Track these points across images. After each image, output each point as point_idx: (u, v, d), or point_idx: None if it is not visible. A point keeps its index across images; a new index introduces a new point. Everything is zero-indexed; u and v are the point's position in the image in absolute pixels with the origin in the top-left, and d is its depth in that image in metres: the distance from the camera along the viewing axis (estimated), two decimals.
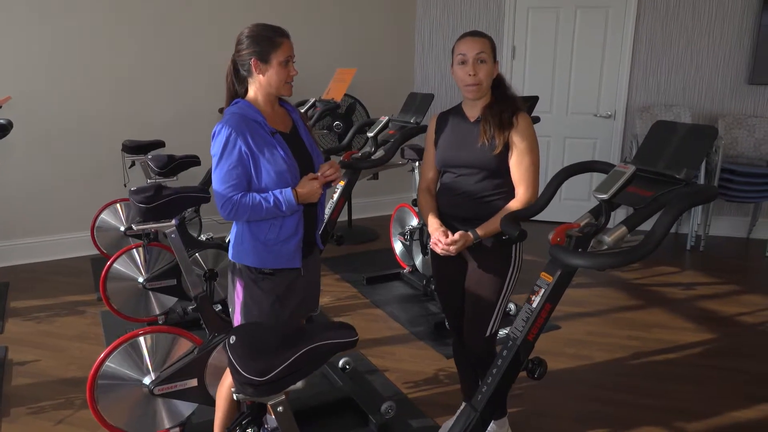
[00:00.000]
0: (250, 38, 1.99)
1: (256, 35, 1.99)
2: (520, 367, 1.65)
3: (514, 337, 1.64)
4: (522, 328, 1.62)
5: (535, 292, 1.64)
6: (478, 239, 2.09)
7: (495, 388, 1.62)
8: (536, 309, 1.61)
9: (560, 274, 1.59)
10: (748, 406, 2.87)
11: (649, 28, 5.36)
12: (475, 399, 1.68)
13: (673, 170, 1.57)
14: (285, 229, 2.05)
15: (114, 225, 4.45)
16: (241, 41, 2.01)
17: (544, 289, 1.61)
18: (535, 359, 1.66)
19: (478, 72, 2.11)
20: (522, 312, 1.66)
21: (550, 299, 1.61)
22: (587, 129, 5.69)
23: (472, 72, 2.10)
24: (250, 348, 1.34)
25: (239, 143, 1.94)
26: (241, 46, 2.00)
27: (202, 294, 2.55)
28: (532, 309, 1.62)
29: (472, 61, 2.10)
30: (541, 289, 1.62)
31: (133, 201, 2.38)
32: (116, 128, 4.80)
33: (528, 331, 1.61)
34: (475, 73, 2.10)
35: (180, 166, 3.71)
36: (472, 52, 2.10)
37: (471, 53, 2.10)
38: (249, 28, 2.02)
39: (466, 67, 2.12)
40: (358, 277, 4.46)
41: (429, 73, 6.15)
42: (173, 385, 2.46)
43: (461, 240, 2.07)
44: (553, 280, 1.59)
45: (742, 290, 4.31)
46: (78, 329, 3.61)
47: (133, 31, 4.77)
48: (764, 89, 5.19)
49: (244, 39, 2.00)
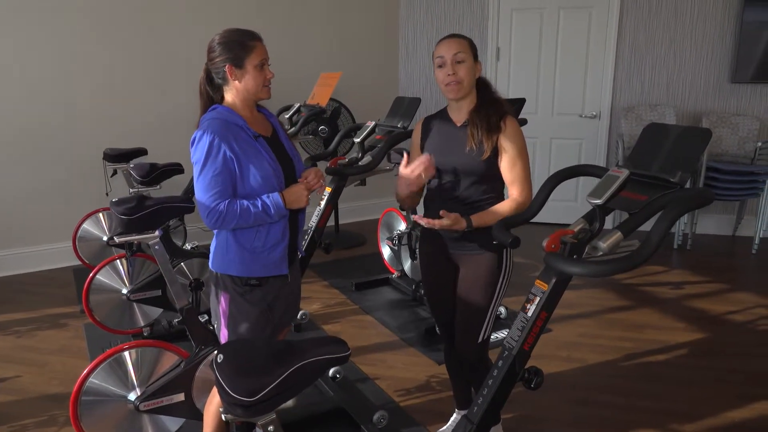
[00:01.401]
0: (222, 45, 1.94)
1: (227, 41, 1.94)
2: (517, 378, 1.61)
3: (510, 347, 1.60)
4: (518, 338, 1.58)
5: (530, 300, 1.60)
6: (470, 228, 2.05)
7: (491, 399, 1.59)
8: (532, 318, 1.58)
9: (555, 281, 1.56)
10: (742, 405, 2.86)
11: (632, 29, 5.37)
12: (471, 411, 1.64)
13: (667, 174, 1.55)
14: (272, 236, 2.01)
15: (96, 235, 4.37)
16: (213, 49, 1.96)
17: (540, 297, 1.57)
18: (531, 369, 1.62)
19: (457, 71, 2.07)
20: (517, 321, 1.62)
21: (546, 307, 1.58)
22: (573, 130, 5.69)
23: (450, 72, 2.07)
24: (239, 367, 1.29)
25: (223, 148, 1.88)
26: (214, 54, 1.95)
27: (188, 306, 2.49)
28: (528, 318, 1.58)
29: (450, 62, 2.07)
30: (537, 297, 1.58)
31: (115, 213, 2.31)
32: (97, 136, 4.71)
33: (524, 341, 1.57)
34: (454, 72, 2.07)
35: (163, 174, 3.65)
36: (450, 53, 2.08)
37: (448, 54, 2.08)
38: (219, 34, 1.97)
39: (445, 68, 2.09)
40: (346, 283, 4.41)
41: (413, 76, 6.12)
42: (159, 401, 2.40)
43: (452, 220, 2.01)
44: (549, 288, 1.56)
45: (730, 288, 4.32)
46: (60, 343, 3.52)
47: (113, 36, 4.69)
48: (747, 87, 5.22)
49: (215, 46, 1.95)
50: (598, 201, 1.55)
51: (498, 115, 2.12)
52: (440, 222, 2.01)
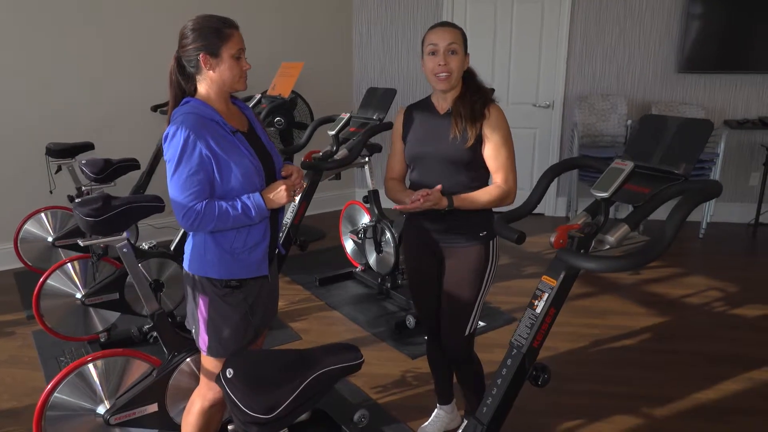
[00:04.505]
0: (196, 31, 1.80)
1: (202, 28, 1.80)
2: (526, 376, 1.58)
3: (519, 345, 1.57)
4: (527, 336, 1.55)
5: (537, 297, 1.57)
6: (450, 208, 2.03)
7: (501, 399, 1.55)
8: (541, 314, 1.55)
9: (564, 276, 1.53)
10: (707, 387, 2.95)
11: (583, 19, 5.46)
12: (480, 411, 1.60)
13: (670, 165, 1.54)
14: (252, 236, 1.91)
15: (40, 236, 4.09)
16: (186, 35, 1.81)
17: (548, 294, 1.54)
18: (537, 365, 1.60)
19: (449, 62, 2.02)
20: (525, 318, 1.59)
21: (555, 303, 1.55)
22: (527, 119, 5.75)
23: (443, 62, 2.01)
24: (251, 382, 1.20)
25: (199, 146, 1.76)
26: (186, 41, 1.81)
27: (160, 311, 2.34)
28: (536, 314, 1.55)
29: (443, 51, 2.01)
30: (545, 294, 1.55)
31: (79, 214, 2.14)
32: (37, 130, 4.40)
33: (533, 338, 1.54)
34: (446, 63, 2.02)
35: (118, 170, 3.44)
36: (444, 42, 2.02)
37: (442, 43, 2.02)
38: (193, 20, 1.83)
39: (437, 57, 2.03)
40: (309, 278, 4.31)
41: (368, 65, 6.03)
42: (131, 413, 2.27)
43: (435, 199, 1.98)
44: (557, 284, 1.53)
45: (683, 272, 4.48)
46: (8, 353, 3.28)
47: (51, 22, 4.37)
48: (692, 77, 5.40)
49: (188, 33, 1.81)
50: (604, 194, 1.53)
51: (481, 103, 2.08)
52: (423, 200, 1.97)
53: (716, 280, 4.32)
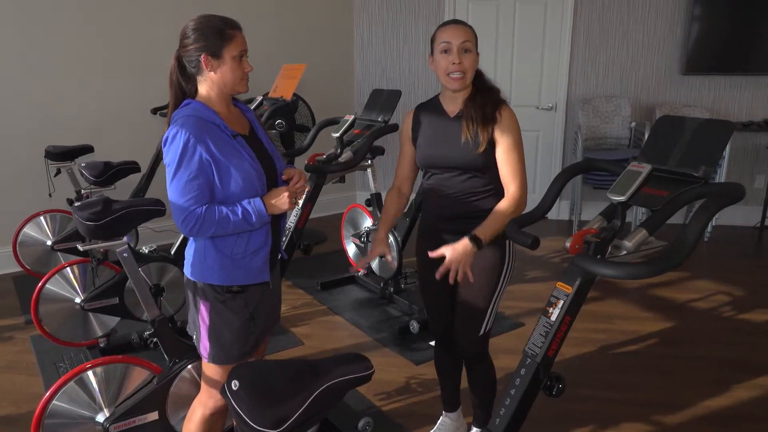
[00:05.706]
0: (198, 31, 1.75)
1: (204, 28, 1.76)
2: (540, 386, 1.53)
3: (533, 354, 1.52)
4: (541, 344, 1.50)
5: (552, 304, 1.52)
6: (482, 247, 1.93)
7: (515, 409, 1.50)
8: (556, 322, 1.50)
9: (580, 283, 1.48)
10: (718, 393, 2.90)
11: (586, 21, 5.42)
12: (493, 423, 1.55)
13: (689, 168, 1.49)
14: (253, 242, 1.87)
15: (39, 239, 4.05)
16: (187, 35, 1.77)
17: (564, 301, 1.49)
18: (552, 375, 1.55)
19: (462, 61, 1.97)
20: (539, 326, 1.54)
21: (570, 311, 1.50)
22: (530, 121, 5.71)
23: (457, 60, 1.96)
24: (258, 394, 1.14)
25: (199, 150, 1.71)
26: (188, 41, 1.77)
27: (161, 317, 2.29)
28: (551, 322, 1.50)
29: (456, 50, 1.95)
30: (560, 301, 1.50)
31: (79, 218, 2.09)
32: (36, 133, 4.35)
33: (548, 347, 1.49)
34: (460, 61, 1.96)
35: (118, 173, 3.39)
36: (458, 40, 1.96)
37: (456, 41, 1.96)
38: (194, 20, 1.78)
39: (450, 55, 1.96)
40: (311, 282, 4.26)
41: (369, 67, 5.99)
42: (131, 421, 2.21)
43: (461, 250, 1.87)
44: (573, 291, 1.48)
45: (689, 276, 4.43)
46: (6, 358, 3.23)
47: (52, 25, 4.32)
48: (696, 79, 5.37)
49: (190, 33, 1.77)
50: (621, 198, 1.48)
51: (492, 105, 2.03)
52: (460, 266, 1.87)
53: (722, 284, 4.27)
